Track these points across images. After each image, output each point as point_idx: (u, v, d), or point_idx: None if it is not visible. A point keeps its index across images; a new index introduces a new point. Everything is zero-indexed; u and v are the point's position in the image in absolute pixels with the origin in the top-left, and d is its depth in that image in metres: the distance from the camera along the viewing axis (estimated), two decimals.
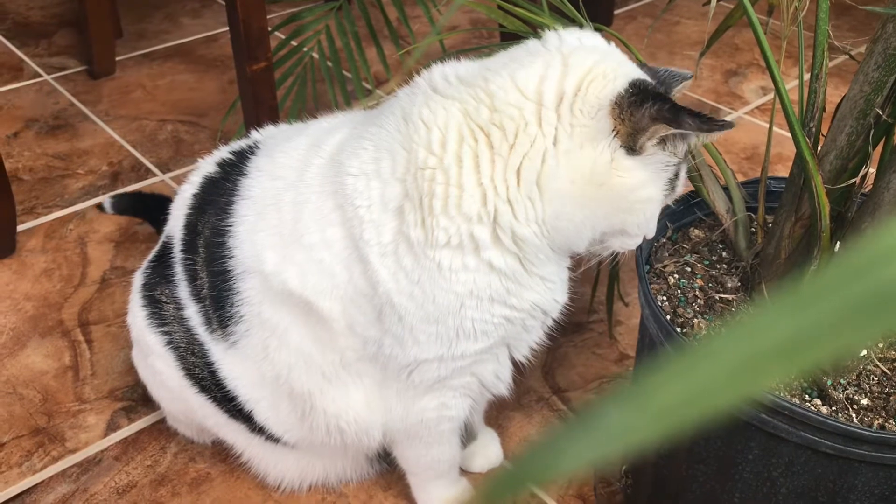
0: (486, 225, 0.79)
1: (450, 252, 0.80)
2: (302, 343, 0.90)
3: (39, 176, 1.71)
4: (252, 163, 0.95)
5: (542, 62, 0.79)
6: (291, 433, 1.00)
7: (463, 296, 0.82)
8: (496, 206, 0.79)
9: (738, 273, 0.95)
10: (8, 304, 1.39)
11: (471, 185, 0.78)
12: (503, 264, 0.81)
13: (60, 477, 1.13)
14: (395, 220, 0.81)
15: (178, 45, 2.24)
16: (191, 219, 0.97)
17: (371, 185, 0.82)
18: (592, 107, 0.76)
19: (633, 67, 0.81)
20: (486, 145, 0.78)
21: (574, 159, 0.77)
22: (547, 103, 0.77)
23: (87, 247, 1.53)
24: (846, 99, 0.78)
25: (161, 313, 1.00)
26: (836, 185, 0.80)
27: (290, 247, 0.87)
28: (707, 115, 0.75)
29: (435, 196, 0.78)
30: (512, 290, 0.83)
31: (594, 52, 0.80)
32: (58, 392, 1.25)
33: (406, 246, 0.81)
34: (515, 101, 0.77)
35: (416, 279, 0.81)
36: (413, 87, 0.85)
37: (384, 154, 0.82)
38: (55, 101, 1.96)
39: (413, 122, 0.81)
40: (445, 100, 0.80)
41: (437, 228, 0.79)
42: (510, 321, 0.86)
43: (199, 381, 1.00)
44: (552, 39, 0.82)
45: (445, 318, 0.83)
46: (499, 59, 0.83)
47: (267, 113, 1.53)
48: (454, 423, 0.97)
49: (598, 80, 0.77)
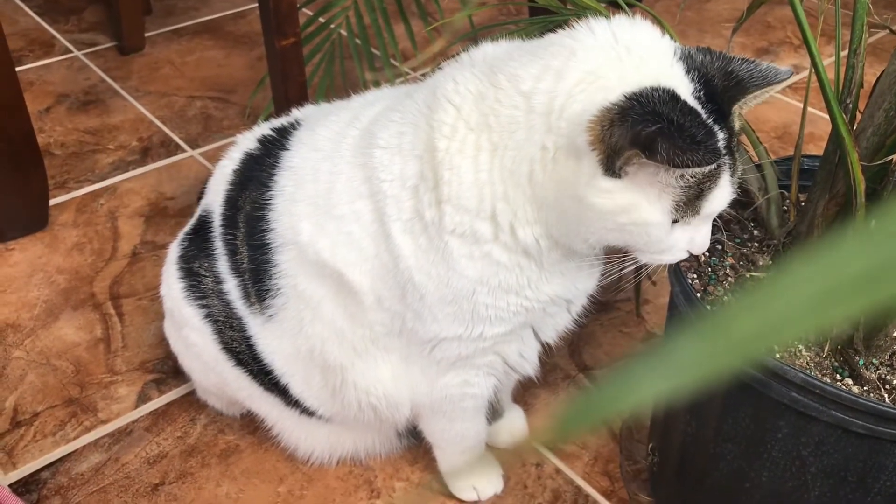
0: (485, 220, 0.78)
1: (457, 239, 0.79)
2: (334, 316, 0.91)
3: (71, 151, 1.73)
4: (294, 136, 0.95)
5: (545, 60, 0.73)
6: (325, 407, 1.01)
7: (474, 281, 0.81)
8: (494, 204, 0.77)
9: (769, 251, 0.94)
10: (41, 277, 1.41)
11: (469, 177, 0.76)
12: (506, 259, 0.80)
13: (93, 446, 1.15)
14: (413, 199, 0.80)
15: (206, 22, 2.24)
16: (231, 194, 0.97)
17: (394, 160, 0.81)
18: (572, 120, 0.70)
19: (659, 71, 0.71)
20: (486, 136, 0.76)
21: (559, 170, 0.73)
22: (537, 108, 0.73)
23: (118, 221, 1.54)
24: (885, 74, 0.77)
25: (200, 286, 1.00)
26: (873, 161, 0.79)
27: (324, 217, 0.87)
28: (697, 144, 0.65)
29: (443, 181, 0.77)
30: (523, 283, 0.82)
31: (611, 50, 0.72)
32: (90, 364, 1.27)
33: (421, 225, 0.80)
34: (511, 100, 0.74)
35: (432, 259, 0.81)
36: (455, 61, 0.83)
37: (408, 128, 0.81)
38: (86, 77, 1.97)
39: (438, 98, 0.79)
40: (471, 77, 0.78)
41: (446, 215, 0.78)
42: (528, 310, 0.85)
43: (237, 355, 1.01)
44: (582, 31, 0.74)
45: (460, 301, 0.82)
46: (528, 46, 0.79)
47: (296, 89, 1.53)
48: (478, 401, 0.97)
49: (589, 89, 0.70)
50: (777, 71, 0.75)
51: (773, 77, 0.75)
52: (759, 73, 0.75)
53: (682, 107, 0.68)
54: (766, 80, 0.75)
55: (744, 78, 0.74)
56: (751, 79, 0.74)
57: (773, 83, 0.75)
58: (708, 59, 0.76)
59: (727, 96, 0.74)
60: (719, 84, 0.74)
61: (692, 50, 0.76)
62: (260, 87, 1.75)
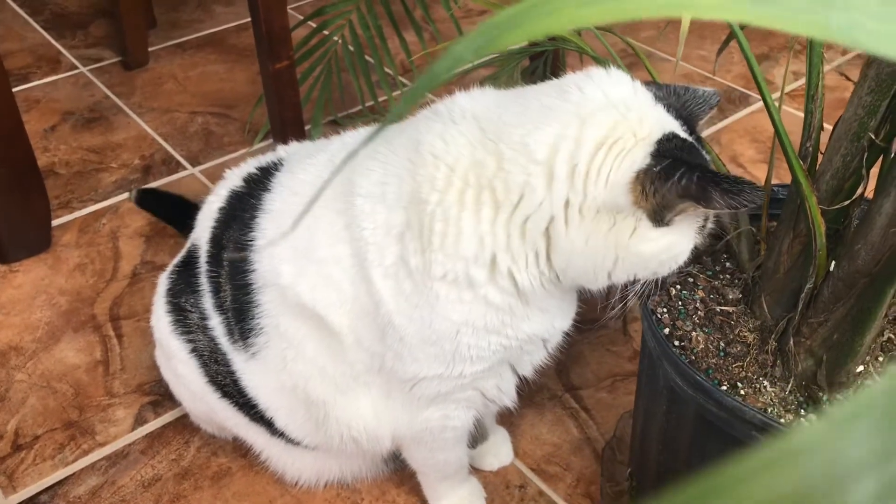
0: (482, 267, 0.80)
1: (446, 285, 0.81)
2: (316, 354, 0.93)
3: (75, 170, 1.76)
4: (275, 178, 0.98)
5: (556, 127, 0.75)
6: (310, 438, 1.04)
7: (459, 323, 0.83)
8: (494, 252, 0.79)
9: (739, 285, 0.96)
10: (44, 299, 1.45)
11: (469, 229, 0.78)
12: (499, 300, 0.82)
13: (90, 469, 1.19)
14: (397, 246, 0.82)
15: (210, 35, 2.28)
16: (216, 232, 1.00)
17: (376, 209, 0.83)
18: (607, 184, 0.73)
19: (657, 119, 0.75)
20: (489, 195, 0.77)
21: (589, 224, 0.75)
22: (558, 175, 0.74)
23: (119, 241, 1.58)
24: (842, 120, 0.78)
25: (186, 322, 1.04)
26: (832, 205, 0.80)
27: (304, 260, 0.89)
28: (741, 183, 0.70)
29: (434, 232, 0.79)
30: (507, 322, 0.84)
31: (613, 110, 0.74)
32: (89, 386, 1.31)
33: (406, 271, 0.82)
34: (523, 167, 0.75)
35: (415, 303, 0.83)
36: (432, 113, 0.84)
37: (392, 179, 0.83)
38: (90, 94, 2.01)
39: (422, 154, 0.80)
40: (459, 137, 0.79)
41: (435, 262, 0.80)
42: (506, 348, 0.87)
43: (222, 387, 1.04)
44: (573, 92, 0.76)
45: (442, 342, 0.85)
46: (518, 104, 0.79)
47: (290, 110, 1.56)
48: (458, 433, 1.00)
49: (613, 152, 0.73)
50: (710, 94, 0.82)
51: (712, 101, 0.82)
52: (702, 98, 0.81)
53: (693, 147, 0.74)
54: (708, 104, 0.82)
55: (696, 105, 0.80)
56: (700, 105, 0.81)
57: (713, 106, 0.82)
58: (665, 93, 0.81)
59: (694, 125, 0.80)
60: (685, 115, 0.80)
61: (654, 89, 0.80)
62: (259, 104, 1.78)
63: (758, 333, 0.91)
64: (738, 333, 0.91)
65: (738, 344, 0.90)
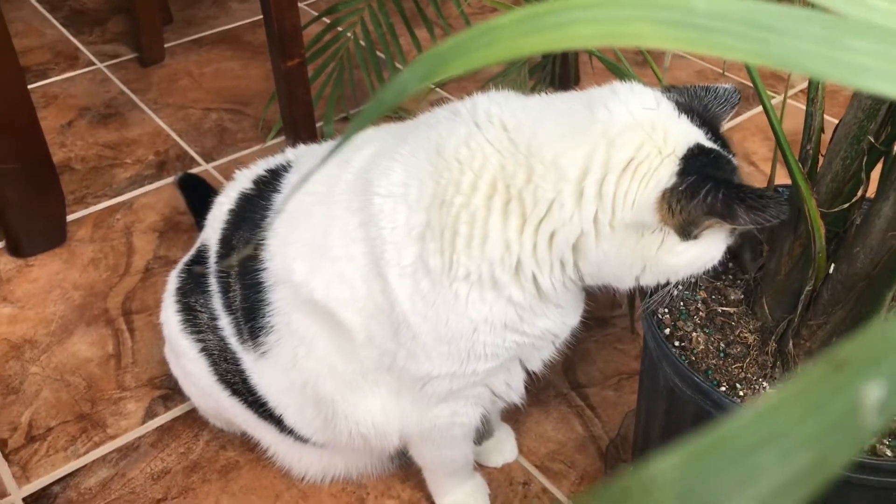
0: (507, 269, 0.80)
1: (468, 285, 0.81)
2: (327, 352, 0.94)
3: (90, 165, 1.79)
4: (285, 180, 0.99)
5: (585, 148, 0.75)
6: (318, 435, 1.05)
7: (477, 321, 0.83)
8: (520, 258, 0.80)
9: (741, 286, 0.96)
10: (58, 293, 1.48)
11: (496, 233, 0.79)
12: (521, 298, 0.83)
13: (101, 461, 1.21)
14: (417, 246, 0.82)
15: (225, 31, 2.29)
16: (226, 233, 1.02)
17: (397, 209, 0.83)
18: (634, 204, 0.74)
19: (681, 132, 0.76)
20: (517, 203, 0.78)
21: (619, 237, 0.76)
22: (588, 194, 0.75)
23: (133, 236, 1.60)
24: (842, 124, 0.78)
25: (195, 321, 1.05)
26: (832, 208, 0.80)
27: (317, 258, 0.90)
28: (766, 198, 0.70)
29: (458, 234, 0.79)
30: (525, 318, 0.85)
31: (639, 129, 0.75)
32: (101, 379, 1.33)
33: (424, 271, 0.82)
34: (554, 184, 0.76)
35: (432, 303, 0.83)
36: (453, 115, 0.84)
37: (413, 181, 0.83)
38: (107, 90, 2.04)
39: (446, 159, 0.80)
40: (486, 145, 0.79)
41: (458, 263, 0.80)
42: (520, 345, 0.88)
43: (232, 386, 1.06)
44: (600, 111, 0.77)
45: (458, 341, 0.85)
46: (549, 119, 0.79)
47: (302, 108, 1.57)
48: (465, 429, 1.01)
49: (639, 173, 0.74)
50: (730, 92, 0.81)
51: (733, 99, 0.81)
52: (723, 98, 0.81)
53: (718, 158, 0.74)
54: (730, 103, 0.81)
55: (717, 106, 0.80)
56: (721, 105, 0.80)
57: (735, 105, 0.81)
58: (687, 98, 0.80)
59: (718, 127, 0.80)
60: (708, 118, 0.79)
61: (675, 96, 0.80)
62: (272, 101, 1.79)
63: (758, 335, 0.91)
64: (738, 334, 0.92)
65: (738, 345, 0.91)
